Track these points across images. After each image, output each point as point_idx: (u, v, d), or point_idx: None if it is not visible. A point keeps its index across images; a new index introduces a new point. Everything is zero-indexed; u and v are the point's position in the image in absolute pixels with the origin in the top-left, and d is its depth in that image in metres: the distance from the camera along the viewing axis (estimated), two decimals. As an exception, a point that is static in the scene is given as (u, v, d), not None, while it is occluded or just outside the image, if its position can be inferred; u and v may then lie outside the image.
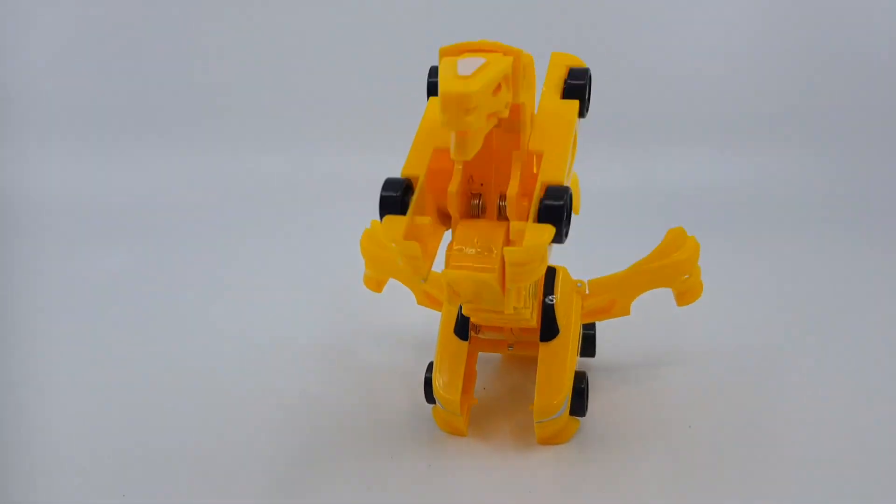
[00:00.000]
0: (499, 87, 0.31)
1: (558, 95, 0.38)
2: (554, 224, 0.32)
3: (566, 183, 0.34)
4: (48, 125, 0.82)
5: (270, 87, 0.82)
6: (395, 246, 0.33)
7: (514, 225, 0.33)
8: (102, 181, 0.79)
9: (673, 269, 0.45)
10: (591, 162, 0.76)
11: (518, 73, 0.32)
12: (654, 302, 0.47)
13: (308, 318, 0.55)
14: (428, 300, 0.48)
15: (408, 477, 0.39)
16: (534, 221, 0.33)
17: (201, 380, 0.48)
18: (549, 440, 0.42)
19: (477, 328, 0.43)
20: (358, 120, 0.79)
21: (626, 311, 0.46)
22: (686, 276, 0.45)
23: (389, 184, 0.34)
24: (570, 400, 0.41)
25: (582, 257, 0.50)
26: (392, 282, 0.48)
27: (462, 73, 0.29)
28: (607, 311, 0.46)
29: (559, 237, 0.33)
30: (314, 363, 0.49)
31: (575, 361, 0.42)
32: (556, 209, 0.33)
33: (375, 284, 0.48)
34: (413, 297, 0.48)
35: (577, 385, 0.42)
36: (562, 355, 0.41)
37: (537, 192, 0.33)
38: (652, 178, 0.78)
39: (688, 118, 0.81)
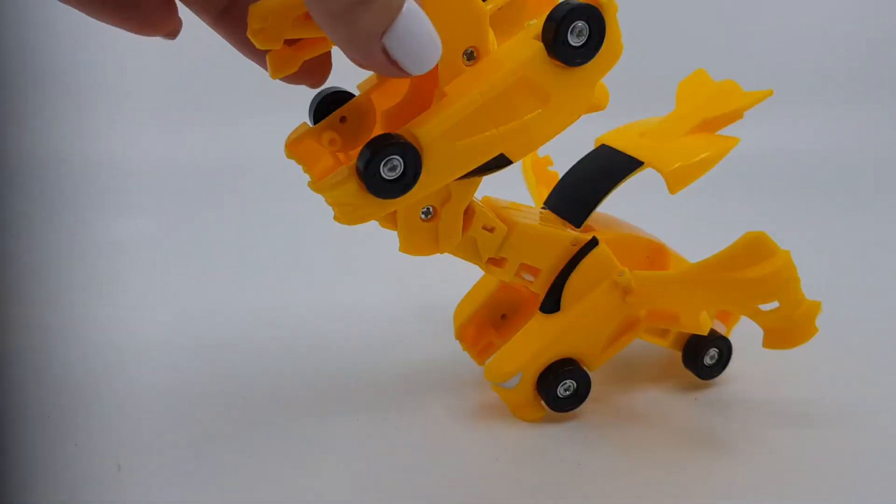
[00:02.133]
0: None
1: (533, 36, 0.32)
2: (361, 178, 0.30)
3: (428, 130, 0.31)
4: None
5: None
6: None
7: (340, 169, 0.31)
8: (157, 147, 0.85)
9: (749, 288, 0.31)
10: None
11: None
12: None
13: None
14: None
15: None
16: None
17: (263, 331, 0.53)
18: (513, 410, 0.39)
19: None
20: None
21: (696, 328, 0.37)
22: (772, 305, 0.32)
23: (318, 93, 0.34)
24: (533, 381, 0.38)
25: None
26: None
27: None
28: (675, 320, 0.38)
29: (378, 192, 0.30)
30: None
31: (565, 346, 0.38)
32: (359, 168, 0.30)
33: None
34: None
35: (556, 372, 0.37)
36: (546, 332, 0.37)
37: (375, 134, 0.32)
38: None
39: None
